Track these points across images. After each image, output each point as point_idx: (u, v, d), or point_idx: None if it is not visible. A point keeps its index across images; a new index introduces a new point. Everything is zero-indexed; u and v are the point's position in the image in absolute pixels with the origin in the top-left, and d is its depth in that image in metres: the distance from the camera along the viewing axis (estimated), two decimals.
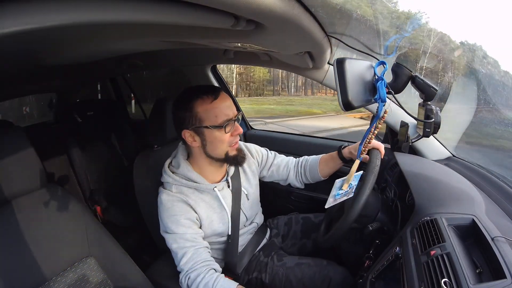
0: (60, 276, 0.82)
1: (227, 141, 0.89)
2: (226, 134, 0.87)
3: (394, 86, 0.83)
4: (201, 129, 0.86)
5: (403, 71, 0.83)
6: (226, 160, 0.92)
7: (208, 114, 0.85)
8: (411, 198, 0.86)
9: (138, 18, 0.39)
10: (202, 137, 0.88)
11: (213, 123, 0.85)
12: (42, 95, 2.43)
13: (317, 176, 1.08)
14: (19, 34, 0.30)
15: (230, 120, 0.87)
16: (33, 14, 0.30)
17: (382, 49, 0.94)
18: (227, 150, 0.90)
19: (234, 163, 0.94)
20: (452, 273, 0.52)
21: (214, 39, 0.71)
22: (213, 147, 0.89)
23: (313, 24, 0.57)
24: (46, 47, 0.66)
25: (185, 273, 0.85)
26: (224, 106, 0.87)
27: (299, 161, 1.12)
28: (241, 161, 0.94)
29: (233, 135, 0.90)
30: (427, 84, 0.88)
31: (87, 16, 0.34)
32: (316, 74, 1.15)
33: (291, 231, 1.16)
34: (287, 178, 1.12)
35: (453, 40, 2.06)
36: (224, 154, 0.90)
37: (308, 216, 1.19)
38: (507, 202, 0.76)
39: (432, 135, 0.98)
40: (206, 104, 0.85)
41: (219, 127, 0.85)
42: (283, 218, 1.22)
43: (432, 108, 0.93)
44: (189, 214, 0.88)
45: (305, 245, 1.13)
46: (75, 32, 0.50)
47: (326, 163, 1.07)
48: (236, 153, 0.92)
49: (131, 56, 1.15)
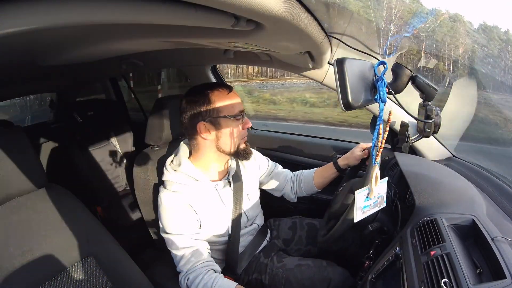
0: (60, 276, 0.82)
1: (240, 134, 0.92)
2: (239, 126, 0.91)
3: (394, 86, 0.83)
4: (218, 119, 0.88)
5: (403, 71, 0.83)
6: (236, 153, 0.94)
7: (226, 104, 0.88)
8: (411, 198, 0.86)
9: (138, 18, 0.39)
10: (218, 127, 0.90)
11: (231, 113, 0.88)
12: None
13: (312, 187, 1.13)
14: (19, 34, 0.30)
15: (243, 112, 0.92)
16: (33, 14, 0.30)
17: (382, 49, 0.94)
18: (239, 143, 0.93)
19: (243, 156, 0.97)
20: (452, 273, 0.52)
21: (214, 39, 0.71)
22: (227, 140, 0.91)
23: (313, 24, 0.57)
24: (46, 47, 0.66)
25: (185, 274, 0.85)
26: (237, 98, 0.92)
27: (295, 174, 1.17)
28: (250, 153, 0.97)
29: (244, 128, 0.93)
30: (427, 84, 0.88)
31: (87, 16, 0.34)
32: (316, 74, 1.14)
33: (295, 236, 1.15)
34: (283, 188, 1.16)
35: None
36: (236, 147, 0.93)
37: (313, 223, 1.18)
38: (507, 202, 0.76)
39: (432, 135, 0.98)
40: (223, 95, 0.89)
41: (236, 116, 0.89)
42: (287, 222, 1.20)
43: (432, 108, 0.93)
44: (189, 215, 0.88)
45: (310, 251, 1.13)
46: (75, 32, 0.50)
47: (321, 174, 1.12)
48: (246, 146, 0.96)
49: (131, 56, 1.15)
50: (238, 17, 0.46)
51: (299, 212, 1.30)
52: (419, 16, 1.13)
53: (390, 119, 0.72)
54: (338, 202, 0.93)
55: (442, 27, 1.61)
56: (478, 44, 1.44)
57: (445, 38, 1.70)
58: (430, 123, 0.93)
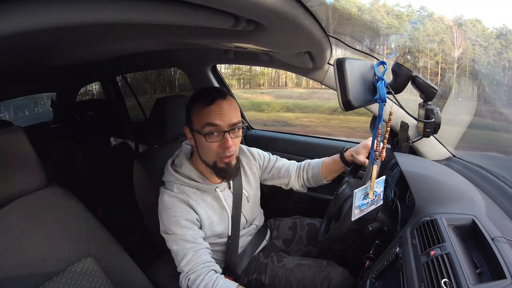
0: (60, 276, 0.82)
1: (214, 150, 0.84)
2: (210, 143, 0.83)
3: (394, 86, 0.83)
4: (192, 130, 0.87)
5: (403, 71, 0.83)
6: (213, 169, 0.88)
7: (197, 118, 0.84)
8: (411, 198, 0.86)
9: (139, 18, 0.39)
10: (194, 138, 0.88)
11: (198, 128, 0.84)
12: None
13: (320, 179, 1.07)
14: (19, 34, 0.30)
15: (217, 129, 0.82)
16: (33, 15, 0.30)
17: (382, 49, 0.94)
18: (216, 160, 0.86)
19: (219, 175, 0.89)
20: (452, 273, 0.52)
21: (214, 39, 0.71)
22: (203, 152, 0.88)
23: (313, 24, 0.57)
24: (46, 47, 0.66)
25: (185, 274, 0.84)
26: (214, 113, 0.81)
27: (301, 165, 1.11)
28: (226, 176, 0.89)
29: (222, 147, 0.84)
30: (427, 84, 0.88)
31: (87, 16, 0.34)
32: (316, 74, 1.15)
33: (296, 236, 1.14)
34: (288, 182, 1.10)
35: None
36: (212, 163, 0.87)
37: (313, 223, 1.17)
38: (508, 202, 0.76)
39: (432, 135, 0.98)
40: (198, 107, 0.84)
41: (200, 133, 0.83)
42: (287, 221, 1.19)
43: (432, 108, 0.93)
44: (189, 215, 0.88)
45: (310, 251, 1.12)
46: (75, 33, 0.50)
47: (328, 167, 1.06)
48: (224, 166, 0.86)
49: (131, 56, 1.15)
50: (238, 17, 0.46)
51: (299, 212, 1.30)
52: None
53: (390, 119, 0.72)
54: (338, 203, 0.93)
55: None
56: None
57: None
58: (430, 123, 0.93)
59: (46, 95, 2.59)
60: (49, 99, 2.32)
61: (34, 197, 0.87)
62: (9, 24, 0.29)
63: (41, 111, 2.99)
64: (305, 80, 5.29)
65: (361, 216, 0.77)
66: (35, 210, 0.85)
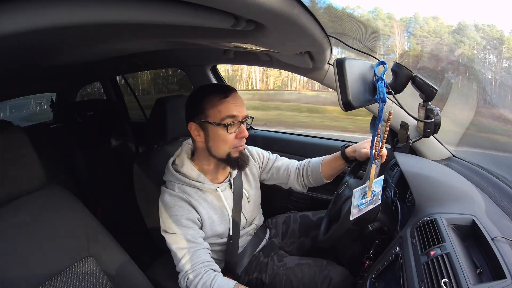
0: (60, 276, 0.82)
1: (230, 142, 0.88)
2: (229, 134, 0.87)
3: (394, 86, 0.83)
4: (205, 124, 0.87)
5: (403, 71, 0.83)
6: (227, 161, 0.91)
7: (214, 111, 0.86)
8: (411, 198, 0.86)
9: (138, 18, 0.39)
10: (206, 132, 0.88)
11: (216, 120, 0.86)
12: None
13: (320, 178, 1.06)
14: (19, 34, 0.30)
15: (235, 121, 0.86)
16: (33, 14, 0.30)
17: (382, 49, 0.94)
18: (229, 152, 0.89)
19: (235, 165, 0.92)
20: (452, 273, 0.52)
21: (214, 39, 0.71)
22: (216, 146, 0.89)
23: (313, 24, 0.57)
24: (46, 47, 0.66)
25: (184, 274, 0.85)
26: (232, 105, 0.86)
27: (301, 164, 1.10)
28: (242, 164, 0.92)
29: (238, 137, 0.88)
30: (427, 84, 0.88)
31: (87, 16, 0.34)
32: (316, 74, 1.14)
33: (289, 229, 1.16)
34: (288, 181, 1.10)
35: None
36: (225, 155, 0.89)
37: (306, 214, 1.19)
38: (507, 202, 0.76)
39: (432, 135, 0.98)
40: (213, 101, 0.86)
41: (221, 125, 0.86)
42: (282, 217, 1.22)
43: (432, 108, 0.93)
44: (190, 215, 0.88)
45: (304, 243, 1.13)
46: (75, 32, 0.50)
47: (329, 165, 1.05)
48: (238, 156, 0.90)
49: (131, 56, 1.15)
50: (238, 17, 0.46)
51: (299, 211, 1.30)
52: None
53: (390, 119, 0.72)
54: (338, 203, 0.93)
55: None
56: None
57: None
58: (430, 123, 0.93)
59: (46, 95, 2.59)
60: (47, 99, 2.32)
61: (34, 197, 0.87)
62: (9, 24, 0.29)
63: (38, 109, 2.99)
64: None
65: (360, 215, 0.77)
66: (35, 210, 0.85)
